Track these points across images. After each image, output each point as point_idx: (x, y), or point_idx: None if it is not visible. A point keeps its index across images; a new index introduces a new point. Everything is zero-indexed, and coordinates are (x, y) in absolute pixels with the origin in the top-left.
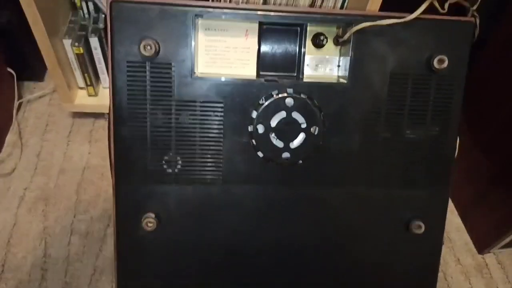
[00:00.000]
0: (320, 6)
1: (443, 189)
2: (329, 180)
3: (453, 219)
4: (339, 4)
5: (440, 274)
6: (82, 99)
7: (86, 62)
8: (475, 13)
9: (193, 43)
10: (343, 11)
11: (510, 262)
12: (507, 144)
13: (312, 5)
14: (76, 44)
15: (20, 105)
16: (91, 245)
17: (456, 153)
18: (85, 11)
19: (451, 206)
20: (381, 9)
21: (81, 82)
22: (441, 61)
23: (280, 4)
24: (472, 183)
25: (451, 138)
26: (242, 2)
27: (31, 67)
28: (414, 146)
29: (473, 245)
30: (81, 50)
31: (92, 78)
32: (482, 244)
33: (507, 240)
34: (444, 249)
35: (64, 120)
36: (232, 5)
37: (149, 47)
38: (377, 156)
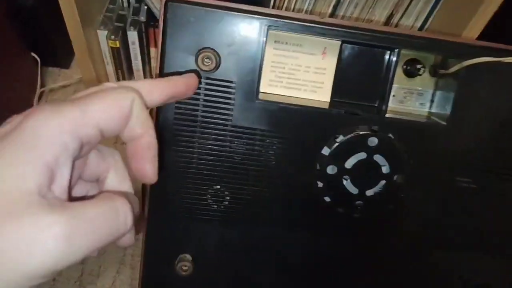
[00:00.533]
0: (397, 25)
1: None
2: (405, 237)
3: None
4: (418, 24)
5: None
6: None
7: (121, 57)
8: None
9: (261, 59)
10: (452, 38)
11: None
12: None
13: (389, 18)
14: (113, 37)
15: (41, 93)
16: (108, 266)
17: None
18: None
19: None
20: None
21: (112, 78)
22: None
23: (350, 18)
24: None
25: None
26: (306, 7)
27: (57, 52)
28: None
29: None
30: (117, 44)
31: (126, 75)
32: None
33: None
34: None
35: None
36: (315, 17)
37: (208, 60)
38: (463, 216)
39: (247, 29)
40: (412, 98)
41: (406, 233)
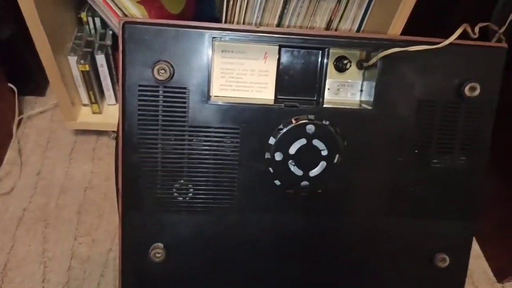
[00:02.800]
0: (336, 29)
1: (470, 222)
2: (350, 210)
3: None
4: (355, 27)
5: None
6: (86, 116)
7: (92, 79)
8: (502, 37)
9: (209, 66)
10: (370, 35)
11: None
12: None
13: (328, 27)
14: (82, 61)
15: (20, 121)
16: (92, 270)
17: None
18: (92, 26)
19: None
20: (402, 33)
21: (85, 99)
22: (472, 89)
23: (295, 26)
24: (493, 211)
25: (479, 169)
26: (255, 19)
27: (33, 81)
28: (441, 176)
29: (492, 274)
30: (87, 68)
31: (97, 95)
32: (502, 273)
33: None
34: None
35: (66, 137)
36: (252, 27)
37: (163, 71)
38: (401, 186)
39: (195, 42)
40: (345, 90)
41: (350, 205)
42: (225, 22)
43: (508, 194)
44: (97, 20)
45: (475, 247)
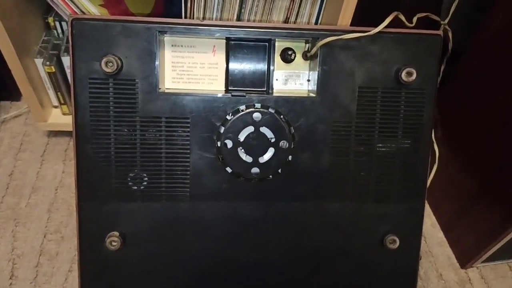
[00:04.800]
0: (294, 22)
1: (418, 203)
2: (300, 195)
3: (435, 233)
4: (313, 20)
5: None
6: (56, 117)
7: (59, 80)
8: (447, 27)
9: (157, 59)
10: (310, 26)
11: (493, 276)
12: (486, 158)
13: (286, 21)
14: (48, 63)
15: None
16: (60, 266)
17: (429, 166)
18: (59, 30)
19: (433, 220)
20: (355, 25)
21: (55, 101)
22: (409, 74)
23: (254, 21)
24: (454, 197)
25: (423, 151)
26: (214, 19)
27: (8, 86)
28: (386, 160)
29: (455, 260)
30: (53, 69)
31: (65, 96)
32: (465, 258)
33: (489, 253)
34: (426, 264)
35: (39, 139)
36: (196, 21)
37: (110, 64)
38: (348, 171)
39: (142, 36)
40: (293, 80)
41: (300, 190)
42: (185, 17)
43: (466, 181)
44: (64, 24)
45: (439, 234)
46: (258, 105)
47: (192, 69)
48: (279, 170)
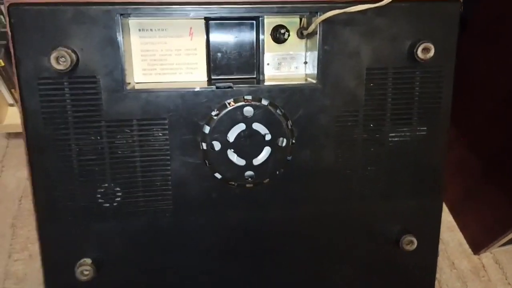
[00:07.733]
0: None
1: (435, 198)
2: (302, 199)
3: (444, 217)
4: None
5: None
6: (14, 117)
7: (10, 76)
8: None
9: (121, 48)
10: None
11: (508, 259)
12: (494, 137)
13: None
14: None
15: None
16: None
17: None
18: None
19: None
20: None
21: (9, 99)
22: (426, 50)
23: None
24: (461, 177)
25: (441, 138)
26: None
27: None
28: (400, 151)
29: (467, 245)
30: (2, 63)
31: None
32: (477, 244)
33: (505, 240)
34: None
35: None
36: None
37: (63, 59)
38: (357, 167)
39: (100, 21)
40: (287, 63)
41: (302, 193)
42: None
43: (475, 161)
44: None
45: (449, 218)
46: (248, 97)
47: (166, 57)
48: (277, 172)
